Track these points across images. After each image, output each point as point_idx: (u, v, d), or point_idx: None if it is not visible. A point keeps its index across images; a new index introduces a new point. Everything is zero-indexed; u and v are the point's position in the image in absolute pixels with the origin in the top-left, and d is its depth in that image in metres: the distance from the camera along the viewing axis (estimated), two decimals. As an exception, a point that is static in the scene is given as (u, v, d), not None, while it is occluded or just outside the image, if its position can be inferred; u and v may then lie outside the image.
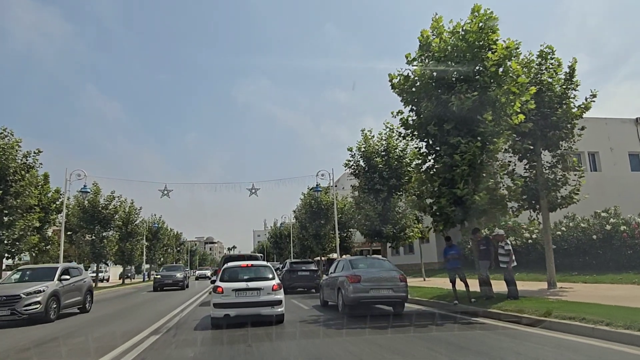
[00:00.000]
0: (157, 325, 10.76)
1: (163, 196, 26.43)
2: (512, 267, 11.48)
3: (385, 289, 11.49)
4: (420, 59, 12.97)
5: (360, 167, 20.95)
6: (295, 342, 8.10)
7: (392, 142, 20.71)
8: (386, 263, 13.12)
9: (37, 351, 7.98)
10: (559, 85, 13.78)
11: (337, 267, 13.60)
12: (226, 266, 11.46)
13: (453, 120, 12.10)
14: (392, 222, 19.92)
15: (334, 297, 12.89)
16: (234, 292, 10.36)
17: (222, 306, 10.30)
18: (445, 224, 12.18)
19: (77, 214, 33.73)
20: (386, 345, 7.22)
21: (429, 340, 7.55)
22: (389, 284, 11.53)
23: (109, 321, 12.55)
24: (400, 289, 11.51)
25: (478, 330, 8.61)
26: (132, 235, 41.01)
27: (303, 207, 38.38)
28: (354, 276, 11.61)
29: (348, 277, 11.74)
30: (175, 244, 70.01)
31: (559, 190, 14.17)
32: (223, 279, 10.90)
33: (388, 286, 11.50)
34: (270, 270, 11.37)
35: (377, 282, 11.53)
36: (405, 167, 20.52)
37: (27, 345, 8.55)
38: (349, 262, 12.86)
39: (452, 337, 7.97)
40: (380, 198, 19.97)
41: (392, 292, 11.50)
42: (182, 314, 13.26)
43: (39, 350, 8.05)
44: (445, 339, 7.64)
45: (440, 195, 11.87)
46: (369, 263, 12.90)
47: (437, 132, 12.11)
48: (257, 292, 10.47)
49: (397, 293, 11.49)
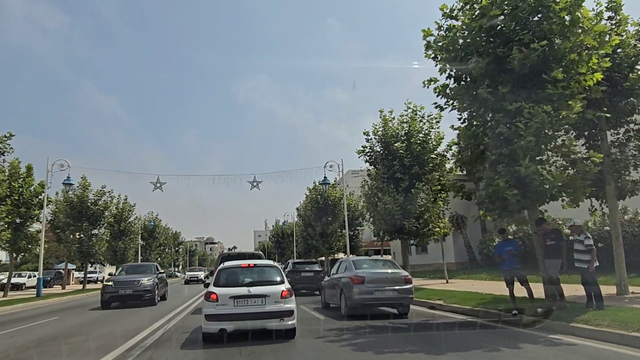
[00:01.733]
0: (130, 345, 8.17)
1: (155, 189, 23.99)
2: (594, 268, 8.90)
3: (390, 291, 11.06)
4: (464, 10, 10.45)
5: (377, 154, 18.37)
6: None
7: (415, 125, 18.14)
8: (390, 263, 12.79)
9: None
10: (634, 40, 11.23)
11: (340, 268, 12.97)
12: (222, 266, 8.90)
13: (510, 81, 9.56)
14: (415, 216, 17.35)
15: (336, 299, 12.29)
16: (231, 299, 7.88)
17: (216, 318, 7.81)
18: (501, 212, 9.56)
19: (64, 210, 31.17)
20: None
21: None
22: (394, 286, 11.09)
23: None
24: (405, 291, 11.06)
25: (576, 356, 6.03)
26: (125, 233, 38.38)
27: (308, 204, 35.78)
28: (358, 277, 11.12)
29: (351, 278, 11.23)
30: (173, 243, 67.40)
31: (630, 173, 11.63)
32: (218, 283, 8.37)
33: (393, 287, 11.07)
34: (278, 272, 8.83)
35: (381, 283, 11.09)
36: (429, 153, 17.95)
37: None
38: (351, 263, 12.24)
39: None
40: (400, 188, 17.39)
41: (398, 293, 11.06)
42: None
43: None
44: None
45: (496, 175, 9.28)
46: (373, 263, 12.54)
47: (490, 96, 9.52)
48: (261, 300, 7.97)
49: (402, 295, 11.04)
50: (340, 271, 12.70)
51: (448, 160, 18.02)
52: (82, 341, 8.88)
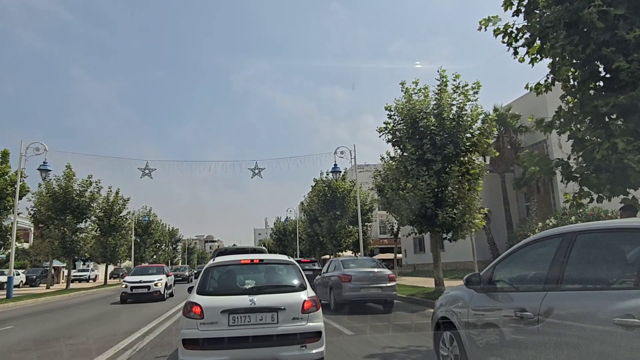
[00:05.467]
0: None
1: (144, 176, 21.10)
2: None
3: (375, 288, 11.94)
4: None
5: (403, 131, 15.43)
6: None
7: (447, 99, 15.21)
8: (376, 262, 13.78)
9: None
10: None
11: (330, 267, 14.01)
12: (212, 264, 5.97)
13: (624, 1, 6.69)
14: (450, 204, 14.45)
15: (326, 296, 12.99)
16: (225, 315, 5.03)
17: (201, 346, 4.95)
18: (613, 187, 6.62)
19: (46, 202, 28.28)
20: None
21: None
22: (379, 283, 11.98)
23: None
24: (389, 288, 12.01)
25: None
26: (115, 228, 35.45)
27: (314, 197, 32.82)
28: (345, 276, 12.06)
29: (340, 277, 12.16)
30: (169, 240, 64.42)
31: None
32: (205, 289, 5.52)
33: (378, 285, 11.95)
34: (295, 272, 5.93)
35: (367, 281, 11.97)
36: (464, 131, 15.01)
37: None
38: (340, 262, 13.33)
39: None
40: (432, 171, 14.48)
41: (382, 291, 11.96)
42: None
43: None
44: None
45: (610, 137, 6.38)
46: (360, 263, 13.45)
47: (600, 21, 6.62)
48: (271, 316, 5.17)
49: (386, 292, 11.98)
50: (330, 270, 13.58)
51: (487, 139, 15.09)
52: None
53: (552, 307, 3.33)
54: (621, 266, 3.16)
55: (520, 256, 4.21)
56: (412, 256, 39.40)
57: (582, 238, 3.51)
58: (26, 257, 45.12)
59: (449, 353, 4.76)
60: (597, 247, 3.44)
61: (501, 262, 4.37)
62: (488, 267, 4.49)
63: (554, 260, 3.58)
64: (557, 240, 3.69)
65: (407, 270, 37.95)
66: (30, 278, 37.82)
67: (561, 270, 3.45)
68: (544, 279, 3.64)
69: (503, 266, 4.33)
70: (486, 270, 4.47)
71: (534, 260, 4.06)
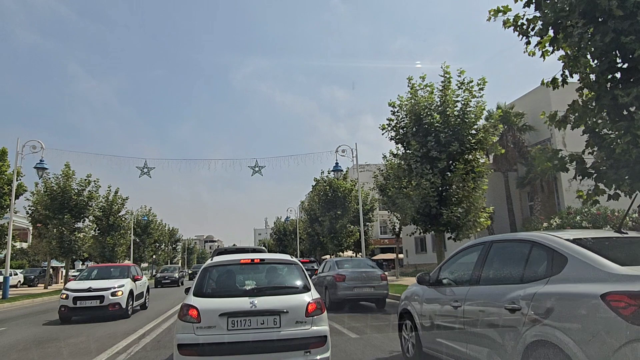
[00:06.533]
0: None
1: (142, 175, 20.78)
2: None
3: (368, 287, 12.41)
4: None
5: (408, 128, 15.09)
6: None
7: (451, 95, 14.88)
8: (369, 262, 14.32)
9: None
10: None
11: (325, 267, 14.47)
12: (210, 263, 5.62)
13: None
14: (455, 203, 14.11)
15: (322, 295, 13.93)
16: (224, 319, 4.71)
17: (197, 351, 4.62)
18: (633, 182, 6.28)
19: (43, 201, 27.94)
20: None
21: None
22: (371, 283, 12.45)
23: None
24: (381, 287, 12.45)
25: None
26: (114, 228, 35.10)
27: (315, 196, 32.47)
28: (340, 275, 12.50)
29: (334, 277, 12.59)
30: (169, 240, 64.04)
31: None
32: (202, 291, 5.19)
33: (371, 285, 12.42)
34: (298, 272, 5.58)
35: (360, 281, 12.43)
36: (469, 127, 14.67)
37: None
38: (335, 263, 13.83)
39: None
40: (436, 169, 14.14)
41: (374, 290, 12.42)
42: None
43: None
44: None
45: (630, 130, 6.02)
46: (354, 263, 14.10)
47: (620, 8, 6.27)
48: (273, 320, 4.84)
49: (378, 291, 12.42)
50: (325, 270, 14.10)
51: (493, 136, 14.77)
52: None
53: (471, 297, 4.55)
54: (511, 267, 4.33)
55: (458, 259, 5.34)
56: (414, 256, 39.07)
57: (495, 246, 4.70)
58: (24, 257, 44.81)
59: (409, 337, 5.87)
60: (503, 254, 4.61)
61: (445, 264, 5.52)
62: (436, 268, 5.62)
63: (476, 263, 4.79)
64: (480, 247, 4.88)
65: (409, 270, 37.60)
66: (28, 278, 37.52)
67: (480, 270, 4.65)
68: (470, 276, 4.82)
69: (446, 267, 5.47)
70: (435, 270, 5.59)
71: (465, 262, 5.15)
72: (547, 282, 3.69)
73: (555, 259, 3.76)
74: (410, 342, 5.77)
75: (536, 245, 4.07)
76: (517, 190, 27.62)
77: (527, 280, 3.91)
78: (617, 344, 2.89)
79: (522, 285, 3.88)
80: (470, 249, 5.13)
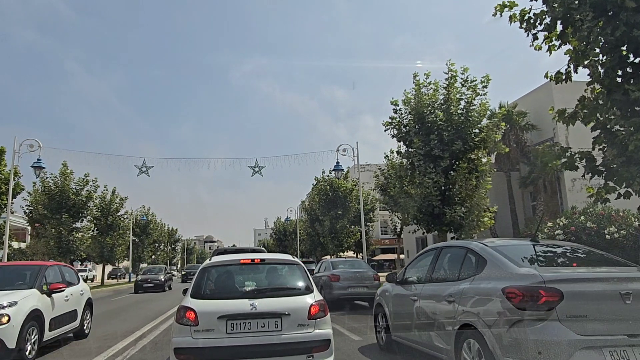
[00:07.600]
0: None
1: (140, 174, 20.57)
2: None
3: (362, 287, 12.90)
4: None
5: (410, 126, 14.89)
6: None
7: (454, 93, 14.67)
8: (363, 263, 15.09)
9: None
10: None
11: (321, 268, 15.01)
12: (208, 263, 5.40)
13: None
14: (458, 202, 13.90)
15: None
16: (222, 322, 4.51)
17: (195, 355, 4.41)
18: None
19: (41, 201, 27.72)
20: None
21: None
22: (364, 283, 12.98)
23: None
24: (374, 287, 12.37)
25: None
26: (113, 228, 34.86)
27: (315, 196, 32.25)
28: (334, 275, 12.98)
29: (329, 277, 13.05)
30: (168, 240, 63.78)
31: None
32: (200, 292, 4.97)
33: (364, 284, 12.93)
34: (300, 273, 5.40)
35: (354, 281, 12.94)
36: (472, 126, 14.46)
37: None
38: (330, 263, 14.43)
39: None
40: (439, 168, 13.93)
41: (368, 289, 12.76)
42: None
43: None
44: None
45: None
46: (348, 264, 14.61)
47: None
48: (275, 323, 4.63)
49: (371, 290, 12.25)
50: (321, 271, 14.57)
51: (497, 135, 14.57)
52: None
53: (424, 292, 5.60)
54: (453, 269, 5.36)
55: (418, 262, 6.41)
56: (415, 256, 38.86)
57: (444, 251, 5.81)
58: (23, 257, 44.55)
59: (381, 327, 6.86)
60: (448, 257, 5.66)
61: (410, 264, 6.58)
62: (402, 269, 6.70)
63: (430, 264, 5.87)
64: (434, 251, 5.99)
65: (409, 271, 37.37)
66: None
67: (432, 271, 5.74)
68: (425, 276, 5.86)
69: (411, 267, 6.52)
70: (401, 271, 6.67)
71: (424, 263, 6.15)
72: (472, 280, 4.71)
73: (480, 262, 4.77)
74: (382, 331, 6.75)
75: (469, 251, 5.07)
76: (519, 190, 27.37)
77: (462, 278, 4.94)
78: (510, 323, 3.98)
79: (457, 282, 4.93)
80: (427, 253, 6.20)
